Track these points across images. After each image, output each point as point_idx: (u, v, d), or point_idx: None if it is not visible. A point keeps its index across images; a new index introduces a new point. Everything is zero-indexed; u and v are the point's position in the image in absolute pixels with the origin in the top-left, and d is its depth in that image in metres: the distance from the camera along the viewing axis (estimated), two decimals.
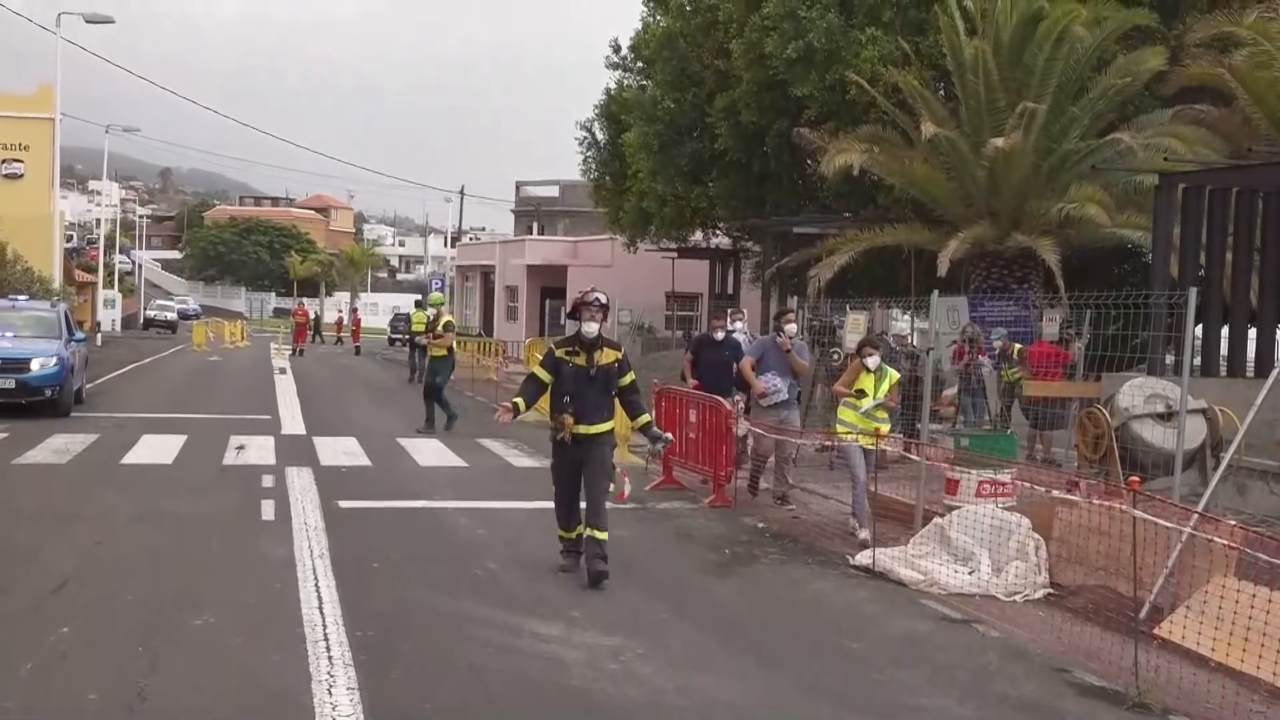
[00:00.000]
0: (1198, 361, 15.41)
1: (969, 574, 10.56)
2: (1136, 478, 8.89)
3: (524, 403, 10.20)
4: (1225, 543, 8.22)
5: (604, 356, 10.01)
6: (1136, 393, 12.47)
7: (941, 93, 22.05)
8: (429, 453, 17.99)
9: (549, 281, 50.39)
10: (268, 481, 14.64)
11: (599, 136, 35.04)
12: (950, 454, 12.65)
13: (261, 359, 44.93)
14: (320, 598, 9.04)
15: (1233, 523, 8.54)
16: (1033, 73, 19.60)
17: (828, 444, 15.09)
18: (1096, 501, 9.81)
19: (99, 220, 79.80)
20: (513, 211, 73.33)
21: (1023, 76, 19.67)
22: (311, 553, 10.63)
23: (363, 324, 60.21)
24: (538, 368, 10.41)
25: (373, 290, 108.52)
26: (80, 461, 15.87)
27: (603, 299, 10.06)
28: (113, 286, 69.07)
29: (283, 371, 36.99)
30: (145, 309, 78.43)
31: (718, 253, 37.03)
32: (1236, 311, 16.54)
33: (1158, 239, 16.68)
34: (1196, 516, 8.80)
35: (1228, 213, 16.28)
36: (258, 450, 17.47)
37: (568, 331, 10.62)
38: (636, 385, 10.38)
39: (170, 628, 8.16)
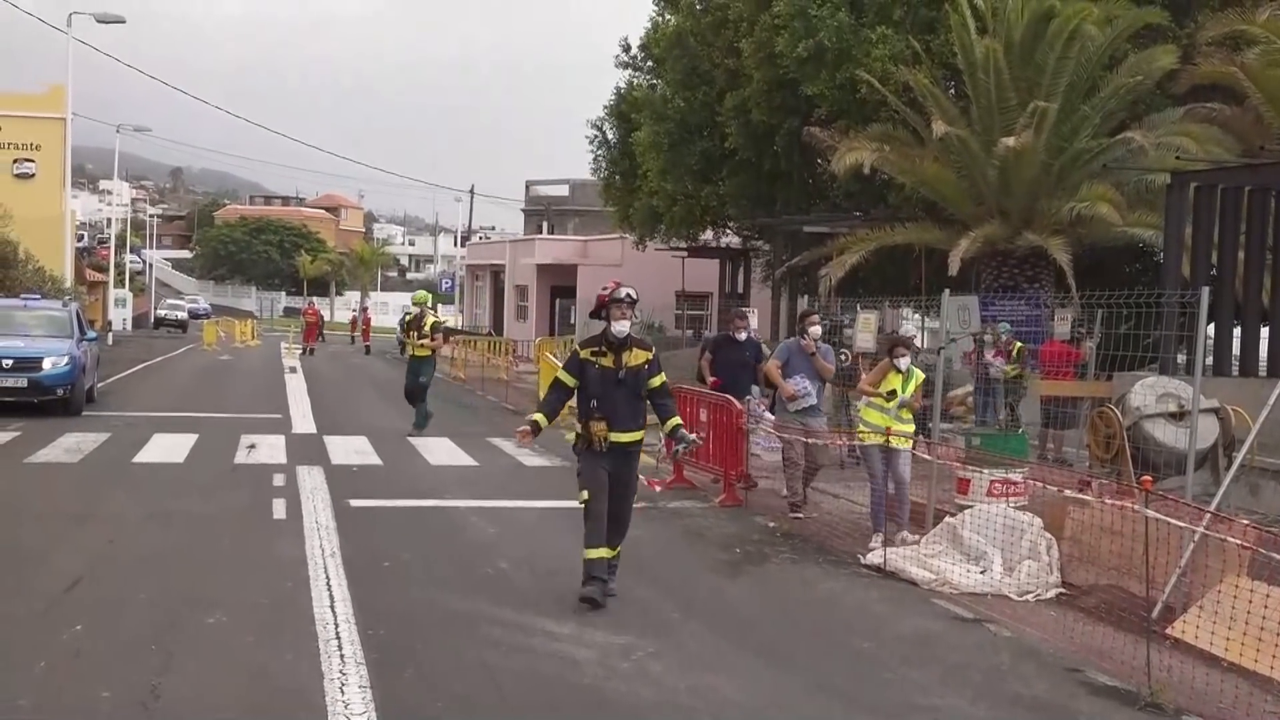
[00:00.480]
0: (1210, 361, 15.39)
1: (981, 573, 10.55)
2: (1149, 477, 8.87)
3: (545, 418, 9.42)
4: (1238, 542, 8.20)
5: (633, 357, 9.23)
6: (1148, 392, 12.45)
7: (952, 91, 22.02)
8: (440, 452, 18.00)
9: (559, 281, 50.42)
10: (279, 480, 14.66)
11: (609, 135, 35.06)
12: (962, 453, 12.64)
13: (272, 358, 45.00)
14: (332, 596, 9.05)
15: (1245, 522, 8.52)
16: (1044, 71, 19.57)
17: (850, 445, 14.64)
18: (1109, 501, 9.78)
19: (110, 220, 79.91)
20: (523, 211, 73.34)
21: (1034, 75, 19.64)
22: (323, 551, 10.64)
23: (373, 323, 60.27)
24: (561, 372, 9.63)
25: (383, 289, 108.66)
26: (92, 460, 15.90)
27: (633, 294, 9.29)
28: (123, 286, 69.30)
29: (293, 370, 37.04)
30: (156, 308, 78.69)
31: (728, 252, 37.04)
32: (1249, 311, 16.53)
33: (1169, 238, 16.67)
34: (1209, 516, 8.79)
35: (1240, 212, 16.26)
36: (269, 449, 17.50)
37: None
38: (667, 387, 9.60)
39: (183, 626, 8.18)
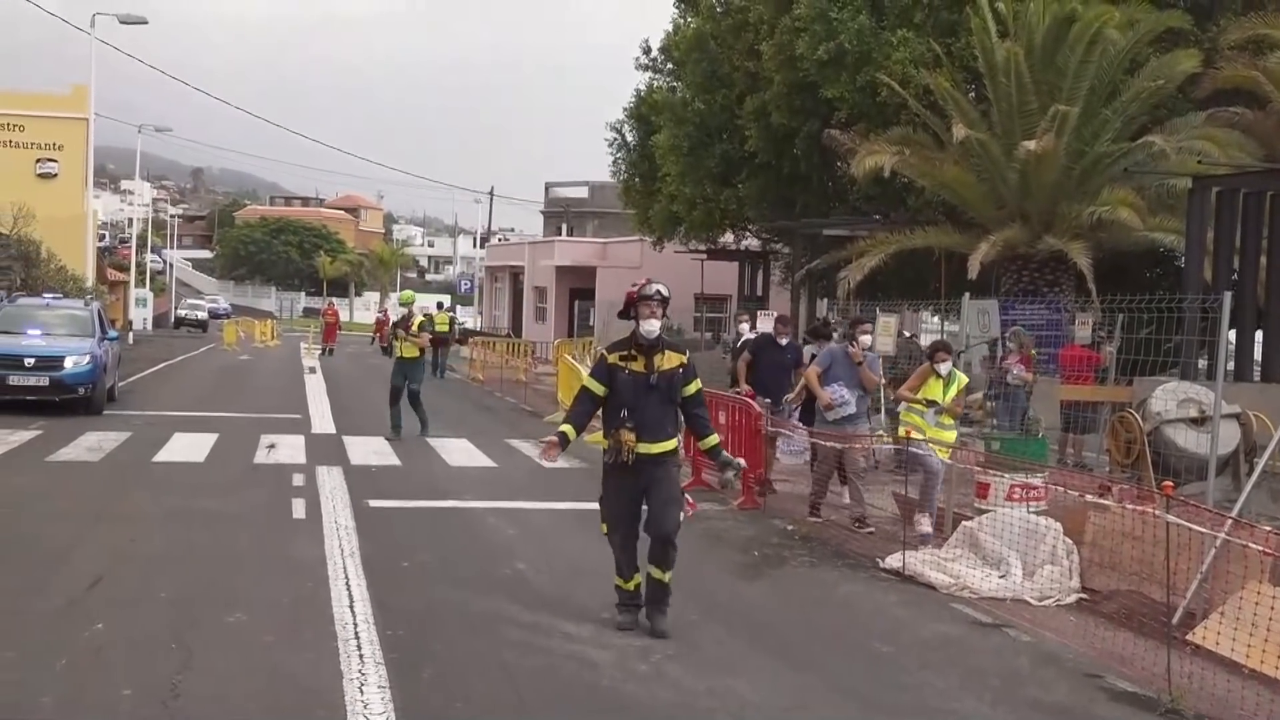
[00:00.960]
0: (1231, 366, 15.34)
1: (1000, 578, 10.52)
2: (1170, 483, 8.84)
3: (573, 430, 8.60)
4: (1260, 548, 8.17)
5: (666, 361, 8.51)
6: (1169, 397, 12.41)
7: (973, 95, 21.97)
8: (458, 452, 18.04)
9: (578, 283, 50.46)
10: (298, 480, 14.70)
11: (628, 138, 35.07)
12: (981, 457, 12.62)
13: (291, 358, 45.13)
14: (351, 596, 9.08)
15: (1267, 529, 8.47)
16: (1065, 75, 19.51)
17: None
18: (1129, 506, 9.76)
19: (131, 219, 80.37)
20: (542, 212, 73.48)
21: (1055, 79, 19.59)
22: (342, 551, 10.67)
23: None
24: (588, 379, 8.88)
25: (402, 290, 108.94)
26: (113, 459, 15.97)
27: (664, 291, 8.56)
28: (144, 285, 69.51)
29: (312, 371, 37.15)
30: (176, 308, 78.99)
31: (747, 254, 37.00)
32: (1271, 316, 16.45)
33: (1191, 243, 16.62)
34: (1230, 522, 8.76)
35: (1262, 216, 16.22)
36: (288, 449, 17.55)
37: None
38: (702, 396, 8.86)
39: (203, 625, 8.21)
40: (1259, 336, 16.86)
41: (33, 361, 20.27)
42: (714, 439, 8.90)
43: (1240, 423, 12.08)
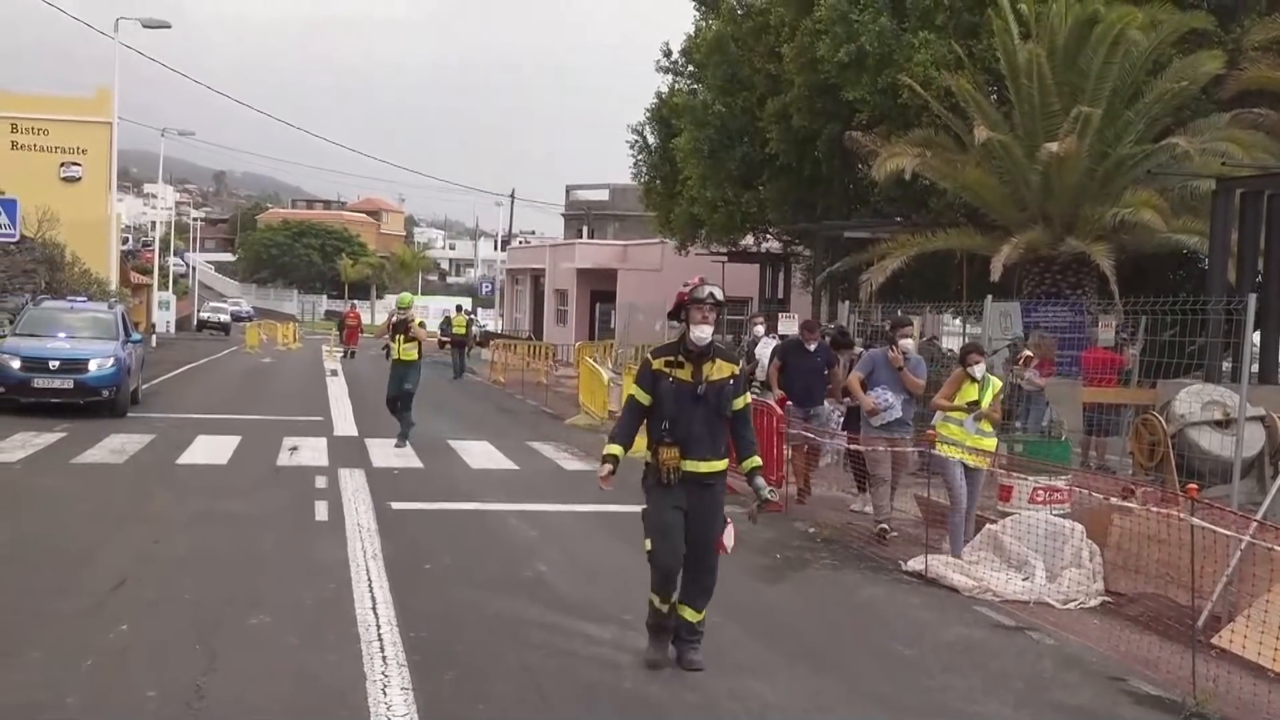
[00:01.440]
0: (1256, 368, 15.26)
1: (1023, 581, 10.49)
2: (1194, 485, 8.80)
3: (620, 449, 7.89)
4: None
5: (715, 370, 7.69)
6: (1193, 399, 12.37)
7: (994, 97, 21.91)
8: (479, 455, 18.07)
9: (599, 285, 50.47)
10: (321, 483, 14.75)
11: (649, 140, 35.08)
12: (1004, 459, 12.57)
13: (313, 361, 45.24)
14: (374, 598, 9.10)
15: None
16: (1087, 76, 19.45)
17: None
18: (1153, 509, 9.72)
19: (154, 223, 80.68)
20: (562, 215, 73.53)
21: (1077, 80, 19.53)
22: (365, 554, 10.70)
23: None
24: (634, 387, 8.05)
25: (423, 293, 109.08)
26: (137, 461, 16.05)
27: (717, 294, 7.74)
28: (167, 288, 69.82)
29: (334, 373, 37.24)
30: (199, 311, 79.29)
31: (768, 257, 36.94)
32: None
33: (1214, 245, 16.55)
34: (1255, 525, 8.72)
35: None
36: (311, 451, 17.61)
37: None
38: (750, 412, 8.09)
39: (227, 626, 8.25)
40: None
41: (57, 364, 20.39)
42: (756, 461, 7.95)
43: (1265, 425, 12.03)
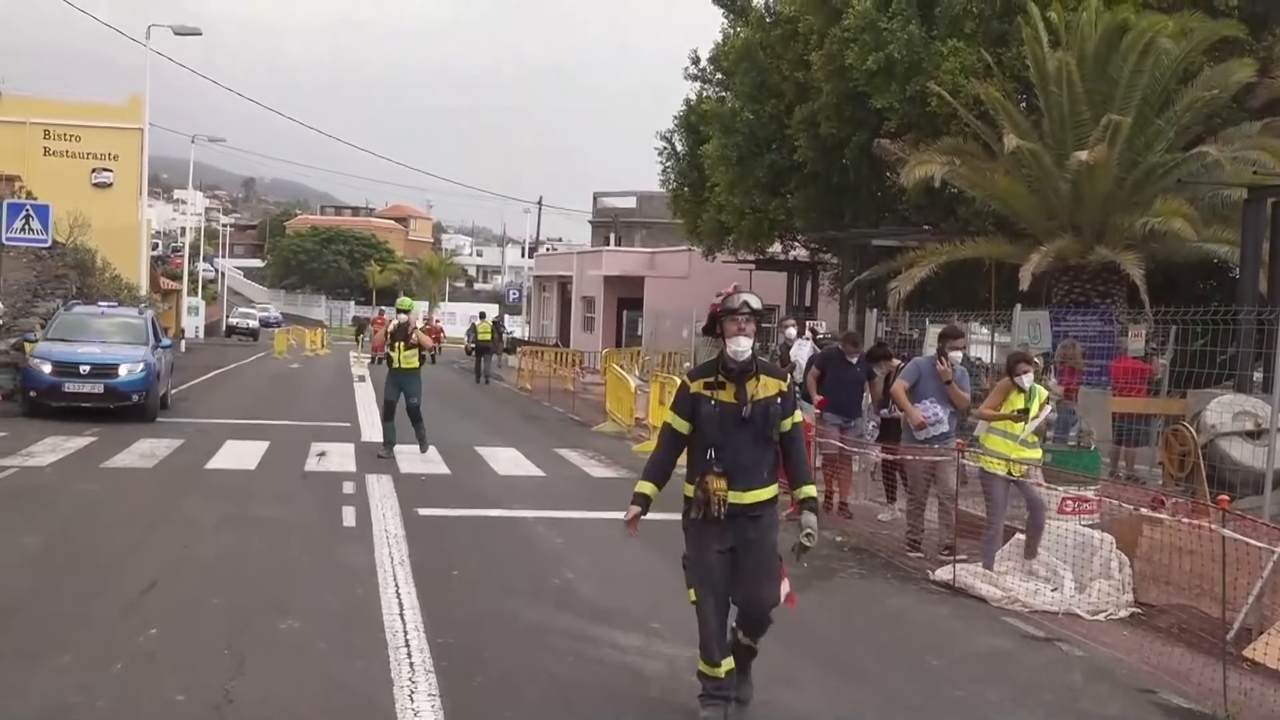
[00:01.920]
0: None
1: (1052, 591, 10.44)
2: (1225, 496, 8.74)
3: (654, 488, 7.04)
4: None
5: (761, 388, 6.88)
6: (1224, 410, 12.30)
7: (1024, 105, 21.85)
8: (506, 462, 18.10)
9: (626, 292, 50.51)
10: (348, 488, 14.80)
11: (677, 147, 35.11)
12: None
13: (341, 367, 45.41)
14: (401, 604, 9.13)
15: None
16: (1117, 85, 19.35)
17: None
18: (1184, 520, 9.66)
19: (184, 228, 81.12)
20: (590, 222, 73.59)
21: (1107, 88, 19.43)
22: (392, 559, 10.73)
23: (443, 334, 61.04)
24: (670, 414, 7.15)
25: (450, 300, 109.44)
26: (166, 466, 16.13)
27: (753, 302, 6.96)
28: (196, 294, 70.15)
29: (361, 379, 37.34)
30: (228, 316, 79.77)
31: (796, 265, 36.91)
32: None
33: (1246, 254, 16.44)
34: None
35: None
36: (338, 457, 17.67)
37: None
38: (801, 432, 7.17)
39: (255, 631, 8.28)
40: None
41: (88, 369, 20.54)
42: (810, 491, 7.06)
43: None
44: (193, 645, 7.88)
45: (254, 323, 78.01)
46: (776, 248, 35.14)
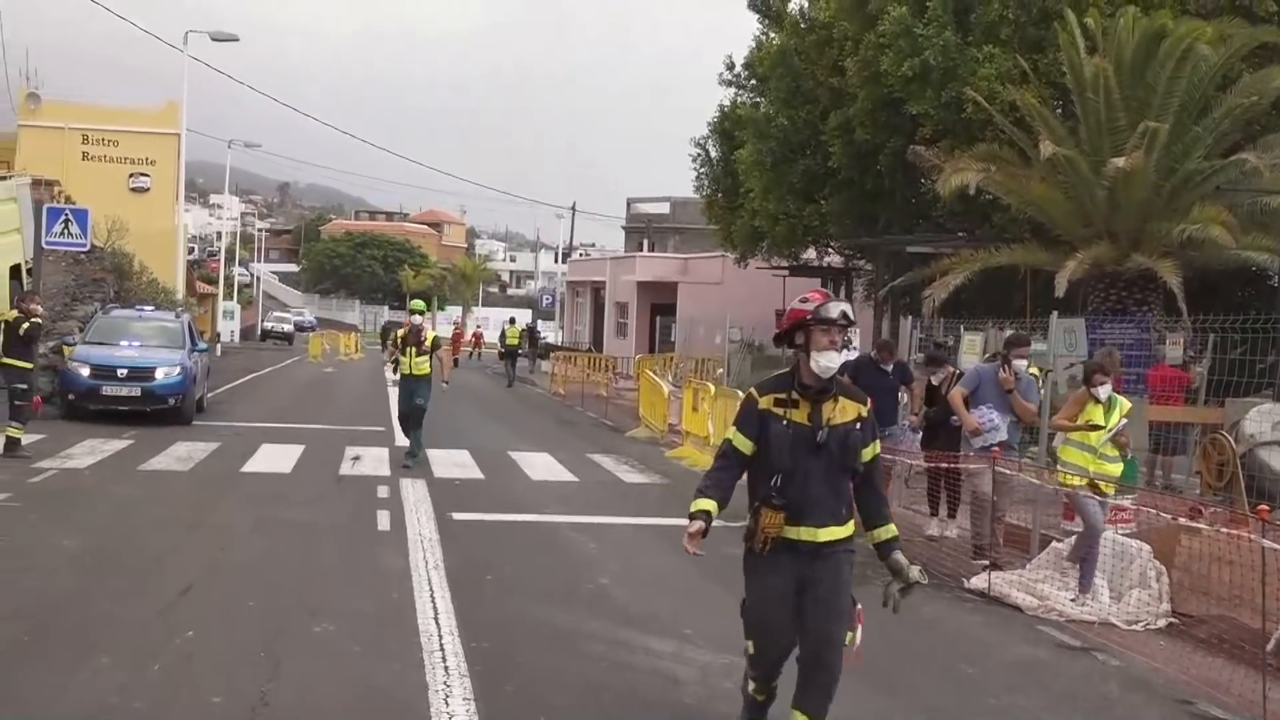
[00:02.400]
0: None
1: (1088, 600, 10.37)
2: (1265, 506, 8.67)
3: (715, 505, 6.09)
4: None
5: (840, 412, 6.10)
6: (1264, 419, 12.20)
7: (1060, 111, 21.71)
8: (540, 467, 18.14)
9: (659, 298, 50.52)
10: (383, 492, 14.87)
11: (712, 153, 35.10)
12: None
13: (375, 371, 45.53)
14: (436, 608, 9.16)
15: None
16: (1155, 91, 19.22)
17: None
18: (1222, 529, 9.58)
19: (220, 233, 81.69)
20: (623, 228, 73.66)
21: (1144, 95, 19.30)
22: (426, 563, 10.77)
23: (483, 339, 61.65)
24: (734, 432, 6.26)
25: (484, 304, 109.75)
26: (202, 469, 16.24)
27: (850, 314, 6.19)
28: (232, 298, 70.65)
29: (395, 384, 37.50)
30: (263, 320, 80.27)
31: (829, 271, 36.82)
32: None
33: None
34: None
35: None
36: (373, 461, 17.75)
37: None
38: (880, 464, 6.36)
39: (291, 634, 8.33)
40: None
41: (125, 372, 20.72)
42: (892, 530, 6.28)
43: None
44: (229, 648, 7.93)
45: (289, 327, 78.44)
46: (810, 254, 35.06)
